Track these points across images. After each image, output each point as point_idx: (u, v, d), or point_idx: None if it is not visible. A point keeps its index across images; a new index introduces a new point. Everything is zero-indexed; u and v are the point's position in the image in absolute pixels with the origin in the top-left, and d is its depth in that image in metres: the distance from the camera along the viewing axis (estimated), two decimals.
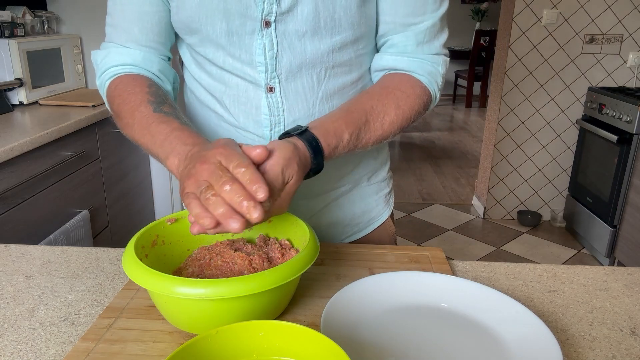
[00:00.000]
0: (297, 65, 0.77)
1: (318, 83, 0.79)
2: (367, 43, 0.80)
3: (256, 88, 0.79)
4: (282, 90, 0.78)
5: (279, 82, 0.78)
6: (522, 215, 3.38)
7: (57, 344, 0.59)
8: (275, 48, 0.75)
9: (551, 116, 3.23)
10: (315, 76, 0.78)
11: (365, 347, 0.57)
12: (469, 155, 4.94)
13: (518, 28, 3.05)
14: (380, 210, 0.98)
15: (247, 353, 0.50)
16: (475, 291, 0.65)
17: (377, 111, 0.75)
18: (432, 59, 0.80)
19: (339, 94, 0.81)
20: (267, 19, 0.73)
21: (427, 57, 0.80)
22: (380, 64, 0.82)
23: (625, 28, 3.04)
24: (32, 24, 2.27)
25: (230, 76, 0.80)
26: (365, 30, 0.78)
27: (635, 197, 2.58)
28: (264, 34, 0.74)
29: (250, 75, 0.78)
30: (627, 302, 0.70)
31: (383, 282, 0.67)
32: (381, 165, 0.97)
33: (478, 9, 7.31)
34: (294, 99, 0.79)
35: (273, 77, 0.77)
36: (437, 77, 0.81)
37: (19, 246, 0.83)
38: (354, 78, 0.82)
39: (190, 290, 0.53)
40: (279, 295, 0.59)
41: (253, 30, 0.74)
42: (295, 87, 0.78)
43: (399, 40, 0.79)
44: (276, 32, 0.74)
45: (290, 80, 0.78)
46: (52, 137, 1.74)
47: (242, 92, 0.80)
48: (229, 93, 0.81)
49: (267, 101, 0.79)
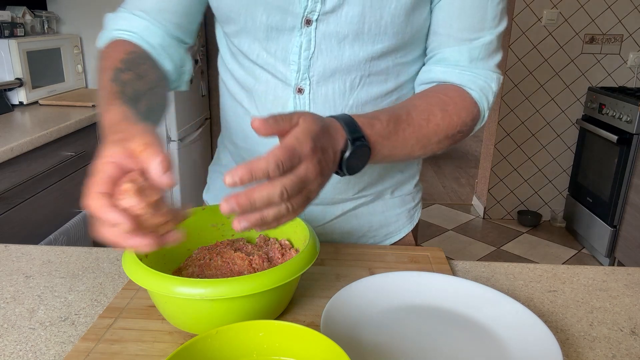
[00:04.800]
0: (332, 70, 0.74)
1: (350, 90, 0.75)
2: (407, 52, 0.76)
3: (285, 87, 0.76)
4: (311, 93, 0.75)
5: (309, 83, 0.75)
6: (522, 215, 3.38)
7: (57, 344, 0.59)
8: (311, 48, 0.72)
9: (551, 116, 3.23)
10: (348, 82, 0.74)
11: (365, 347, 0.57)
12: (469, 155, 4.94)
13: (518, 28, 3.05)
14: (401, 225, 0.93)
15: (247, 353, 0.50)
16: (475, 291, 0.65)
17: (419, 109, 0.69)
18: (486, 74, 0.75)
19: (372, 103, 0.76)
20: (309, 17, 0.70)
21: (481, 72, 0.74)
22: (427, 77, 0.76)
23: (625, 28, 3.04)
24: (32, 24, 2.27)
25: (262, 71, 0.77)
26: (409, 39, 0.74)
27: (635, 197, 2.58)
28: (303, 32, 0.72)
29: (282, 73, 0.75)
30: (627, 302, 0.70)
31: (383, 282, 0.67)
32: (408, 179, 0.92)
33: None
34: (322, 104, 0.75)
35: (304, 78, 0.74)
36: (489, 93, 0.75)
37: (19, 246, 0.83)
38: (389, 88, 0.77)
39: (190, 290, 0.53)
40: (279, 295, 0.59)
41: (293, 27, 0.72)
42: (326, 92, 0.75)
43: (450, 54, 0.74)
44: (316, 31, 0.71)
45: (321, 83, 0.75)
46: (52, 137, 1.74)
47: (271, 90, 0.77)
48: (258, 88, 0.78)
49: (294, 102, 0.76)
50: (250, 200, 0.48)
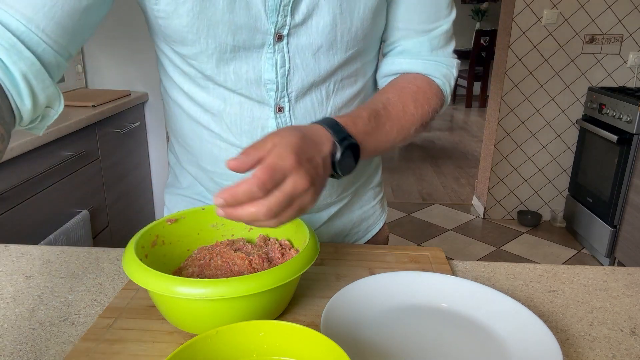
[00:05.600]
0: (310, 83, 0.72)
1: (327, 98, 0.74)
2: (370, 51, 0.77)
3: (263, 107, 0.72)
4: (291, 109, 0.73)
5: (288, 101, 0.72)
6: (522, 215, 3.39)
7: (57, 344, 0.59)
8: (287, 65, 0.69)
9: (551, 116, 3.23)
10: (324, 91, 0.74)
11: (365, 347, 0.57)
12: (469, 155, 4.94)
13: (518, 28, 3.05)
14: (378, 216, 0.95)
15: (247, 353, 0.50)
16: (475, 291, 0.65)
17: (393, 102, 0.71)
18: (447, 61, 0.78)
19: (346, 106, 0.77)
20: (280, 32, 0.67)
21: (441, 59, 0.77)
22: (391, 69, 0.78)
23: (625, 28, 3.04)
24: None
25: (232, 94, 0.72)
26: (374, 39, 0.75)
27: (635, 197, 2.58)
28: (275, 49, 0.68)
29: (257, 93, 0.71)
30: (627, 302, 0.70)
31: (383, 282, 0.67)
32: (375, 169, 0.93)
33: (478, 9, 7.31)
34: (303, 117, 0.74)
35: (283, 96, 0.71)
36: (451, 79, 0.79)
37: (19, 246, 0.83)
38: (358, 88, 0.78)
39: (190, 290, 0.53)
40: (279, 295, 0.59)
41: (262, 44, 0.67)
42: (305, 105, 0.73)
43: (412, 46, 0.76)
44: (288, 46, 0.68)
45: (300, 98, 0.72)
46: (52, 137, 1.74)
47: (246, 112, 0.73)
48: (230, 111, 0.73)
49: (276, 121, 0.73)
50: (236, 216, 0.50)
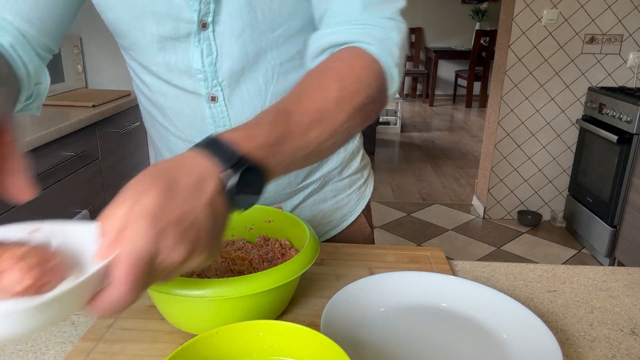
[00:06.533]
0: (239, 70, 0.69)
1: (265, 85, 0.70)
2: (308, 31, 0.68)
3: (197, 98, 0.71)
4: (225, 99, 0.71)
5: (221, 89, 0.70)
6: (522, 215, 3.38)
7: (57, 344, 0.59)
8: (214, 53, 0.67)
9: (551, 116, 3.23)
10: (261, 78, 0.70)
11: (365, 347, 0.57)
12: (469, 155, 4.94)
13: (518, 28, 3.05)
14: (353, 205, 0.89)
15: (247, 353, 0.50)
16: (475, 291, 0.65)
17: (311, 90, 0.56)
18: (382, 23, 0.61)
19: None
20: (204, 20, 0.65)
21: (376, 21, 0.61)
22: (318, 45, 0.63)
23: (625, 28, 3.04)
24: None
25: (168, 87, 0.71)
26: (305, 18, 0.68)
27: (635, 197, 2.58)
28: (200, 37, 0.66)
29: (189, 84, 0.70)
30: (627, 302, 0.70)
31: (383, 282, 0.67)
32: (353, 155, 0.86)
33: (478, 9, 7.30)
34: (240, 107, 0.71)
35: (214, 85, 0.70)
36: (391, 45, 0.61)
37: None
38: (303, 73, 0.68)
39: (190, 291, 0.53)
40: (279, 295, 0.59)
41: (188, 34, 0.66)
42: (240, 93, 0.70)
43: (340, 5, 0.62)
44: (214, 34, 0.66)
45: (234, 86, 0.70)
46: (52, 137, 1.74)
47: (185, 104, 0.72)
48: (170, 105, 0.72)
49: (211, 112, 0.71)
50: None
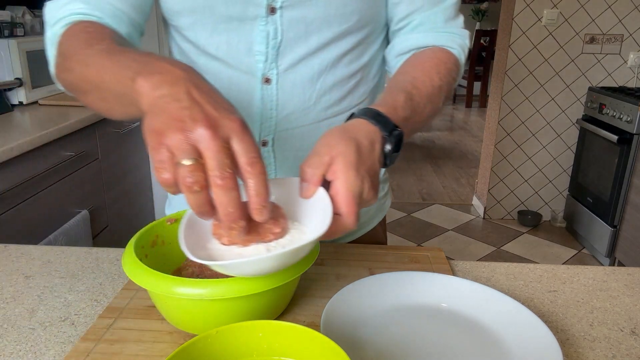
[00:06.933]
0: (300, 57, 0.72)
1: (318, 75, 0.74)
2: (367, 30, 0.76)
3: (250, 79, 0.74)
4: (278, 82, 0.74)
5: (277, 73, 0.73)
6: (522, 215, 3.38)
7: (57, 344, 0.59)
8: (279, 37, 0.71)
9: (551, 116, 3.23)
10: (316, 67, 0.74)
11: (365, 347, 0.57)
12: (469, 155, 4.94)
13: (518, 28, 3.05)
14: (372, 214, 0.91)
15: (247, 353, 0.50)
16: (475, 291, 0.65)
17: (421, 80, 0.69)
18: (460, 32, 0.77)
19: (337, 86, 0.76)
20: (272, 5, 0.69)
21: (455, 30, 0.77)
22: (405, 46, 0.77)
23: (626, 28, 3.04)
24: (32, 24, 2.27)
25: (223, 67, 0.74)
26: (371, 15, 0.74)
27: (635, 197, 2.57)
28: (268, 21, 0.70)
29: (246, 64, 0.73)
30: (627, 302, 0.70)
31: (383, 282, 0.67)
32: None
33: (478, 8, 7.31)
34: (290, 92, 0.74)
35: (272, 67, 0.73)
36: (466, 49, 0.78)
37: (18, 246, 0.83)
38: (353, 70, 0.77)
39: (190, 290, 0.53)
40: (279, 295, 0.59)
41: (255, 16, 0.69)
42: (294, 79, 0.74)
43: (426, 18, 0.76)
44: (282, 19, 0.70)
45: (289, 71, 0.73)
46: (52, 137, 1.74)
47: (234, 84, 0.74)
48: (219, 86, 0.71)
49: (262, 93, 0.74)
50: None
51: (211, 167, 0.42)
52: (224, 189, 0.42)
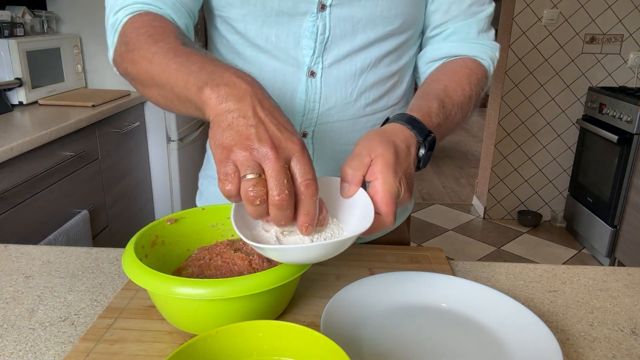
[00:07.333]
0: (345, 53, 0.75)
1: (360, 72, 0.77)
2: (407, 34, 0.78)
3: (296, 71, 0.76)
4: (323, 76, 0.76)
5: (322, 67, 0.76)
6: (522, 215, 3.38)
7: (56, 344, 0.59)
8: (327, 33, 0.73)
9: (551, 116, 3.23)
10: (359, 64, 0.76)
11: (365, 347, 0.57)
12: (469, 155, 4.94)
13: (518, 28, 3.05)
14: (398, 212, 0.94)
15: (247, 353, 0.50)
16: (475, 291, 0.65)
17: (452, 88, 0.72)
18: (491, 44, 0.79)
19: (377, 85, 0.79)
20: (324, 2, 0.71)
21: (487, 42, 0.79)
22: (437, 54, 0.79)
23: (626, 28, 3.04)
24: (32, 24, 2.27)
25: (269, 59, 0.76)
26: (413, 20, 0.77)
27: (635, 197, 2.57)
28: (318, 17, 0.72)
29: (293, 57, 0.75)
30: (627, 302, 0.70)
31: (383, 282, 0.67)
32: None
33: None
34: (334, 86, 0.77)
35: (318, 61, 0.75)
36: (495, 62, 0.80)
37: (18, 246, 0.83)
38: (392, 71, 0.80)
39: (190, 290, 0.53)
40: (279, 295, 0.59)
41: (306, 12, 0.72)
42: (337, 74, 0.76)
43: (461, 28, 0.78)
44: (331, 16, 0.72)
45: (334, 66, 0.76)
46: (52, 137, 1.74)
47: (280, 77, 0.76)
48: (264, 77, 0.75)
49: (307, 85, 0.76)
50: None
51: (271, 187, 0.47)
52: (279, 208, 0.47)
